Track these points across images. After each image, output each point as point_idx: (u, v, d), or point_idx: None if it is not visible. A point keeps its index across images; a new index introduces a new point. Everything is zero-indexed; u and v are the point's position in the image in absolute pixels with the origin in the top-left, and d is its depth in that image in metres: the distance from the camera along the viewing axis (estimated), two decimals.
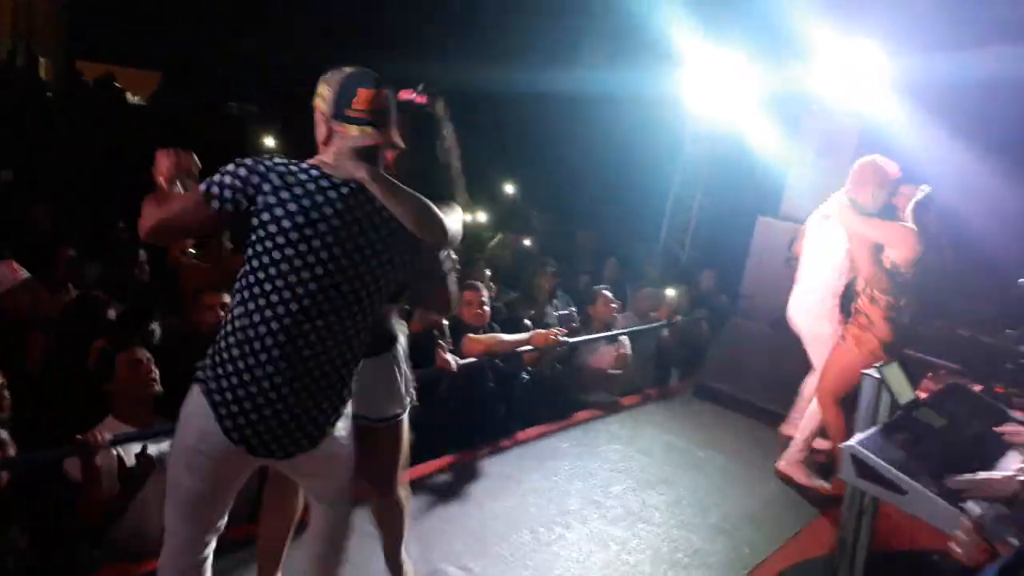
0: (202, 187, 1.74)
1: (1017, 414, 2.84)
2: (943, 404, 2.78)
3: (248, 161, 1.75)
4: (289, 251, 1.72)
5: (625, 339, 5.28)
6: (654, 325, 5.63)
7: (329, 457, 1.94)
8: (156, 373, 2.91)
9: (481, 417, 4.13)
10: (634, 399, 5.13)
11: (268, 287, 1.73)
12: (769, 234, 5.53)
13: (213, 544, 1.94)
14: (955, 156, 4.97)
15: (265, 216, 1.72)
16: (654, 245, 7.40)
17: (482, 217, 8.30)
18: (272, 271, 1.73)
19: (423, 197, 1.83)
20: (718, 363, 5.48)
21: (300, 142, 2.05)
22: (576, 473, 3.90)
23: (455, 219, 1.99)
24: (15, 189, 6.56)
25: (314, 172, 1.77)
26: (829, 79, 5.40)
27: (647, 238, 7.58)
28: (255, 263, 1.74)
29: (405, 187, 1.82)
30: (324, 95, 1.83)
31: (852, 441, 2.34)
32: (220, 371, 1.76)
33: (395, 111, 1.88)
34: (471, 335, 4.12)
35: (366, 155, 1.82)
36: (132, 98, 12.96)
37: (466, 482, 3.63)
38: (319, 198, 1.73)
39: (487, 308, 4.26)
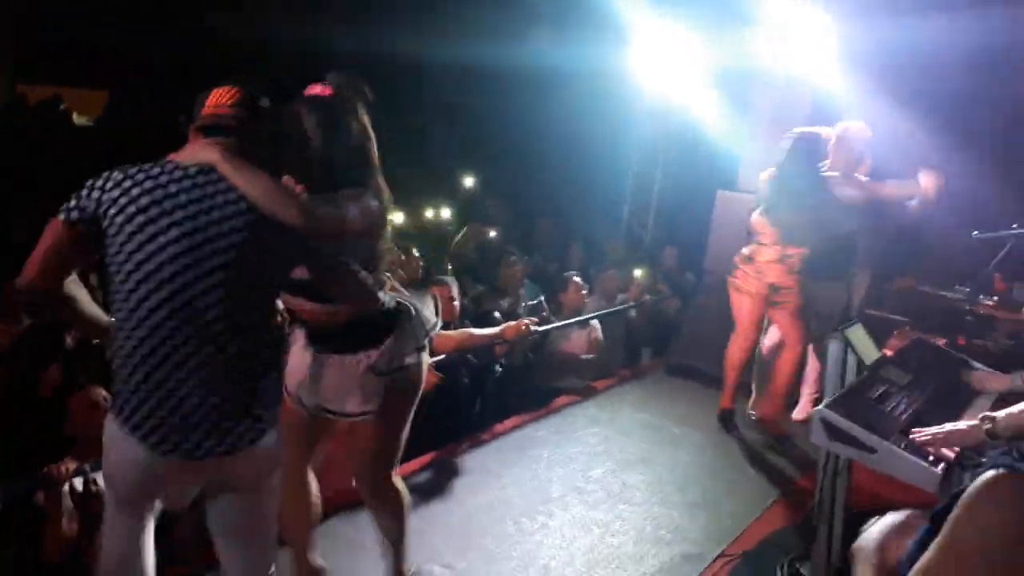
0: (59, 213, 1.73)
1: (980, 364, 2.89)
2: (908, 360, 2.82)
3: (97, 177, 1.74)
4: (151, 246, 1.68)
5: (596, 323, 5.29)
6: (622, 307, 5.65)
7: (255, 474, 1.88)
8: None
9: (457, 413, 4.11)
10: (608, 382, 5.15)
11: (140, 289, 1.69)
12: (729, 207, 5.57)
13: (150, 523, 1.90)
14: (898, 122, 5.06)
15: (119, 218, 1.69)
16: (617, 226, 7.43)
17: (445, 213, 8.26)
18: (131, 267, 1.69)
19: (277, 178, 1.79)
20: (687, 339, 5.53)
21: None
22: (556, 460, 3.90)
23: (365, 205, 1.96)
24: None
25: (164, 164, 1.75)
26: (778, 49, 5.45)
27: (610, 220, 7.60)
28: (114, 268, 1.71)
29: (257, 168, 1.78)
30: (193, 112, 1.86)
31: (821, 405, 2.35)
32: (123, 390, 1.73)
33: (256, 102, 1.86)
34: (441, 331, 4.09)
35: (225, 134, 1.80)
36: (79, 119, 12.69)
37: (446, 479, 3.60)
38: (162, 190, 1.70)
39: (456, 303, 4.23)
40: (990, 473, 0.97)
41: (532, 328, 4.32)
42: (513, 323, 4.29)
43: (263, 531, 1.97)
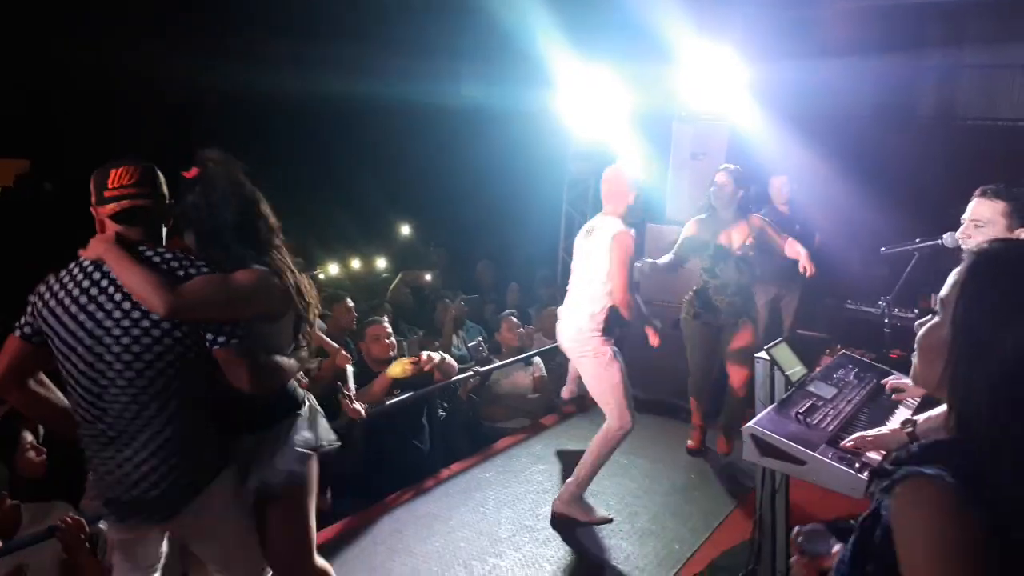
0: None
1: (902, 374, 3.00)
2: (832, 375, 2.93)
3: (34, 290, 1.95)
4: (59, 343, 1.88)
5: (539, 362, 5.32)
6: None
7: (211, 526, 2.05)
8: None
9: (401, 460, 4.06)
10: (553, 418, 5.17)
11: (67, 383, 1.92)
12: (658, 239, 5.72)
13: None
14: (805, 152, 5.35)
15: (45, 327, 1.90)
16: (553, 265, 7.53)
17: (380, 261, 8.27)
18: (65, 368, 1.91)
19: (148, 265, 1.87)
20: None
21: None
22: (504, 501, 3.88)
23: (251, 281, 1.97)
24: None
25: (74, 267, 1.93)
26: (695, 86, 5.69)
27: (546, 259, 7.72)
28: (60, 369, 1.92)
29: (136, 256, 1.88)
30: (91, 191, 1.95)
31: (751, 423, 2.42)
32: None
33: (155, 179, 1.97)
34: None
35: (134, 218, 1.92)
36: None
37: (393, 528, 3.55)
38: (68, 296, 1.88)
39: (391, 341, 4.19)
40: (904, 487, 0.98)
41: (424, 365, 4.04)
42: (404, 359, 4.04)
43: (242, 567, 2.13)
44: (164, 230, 2.03)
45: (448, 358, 4.29)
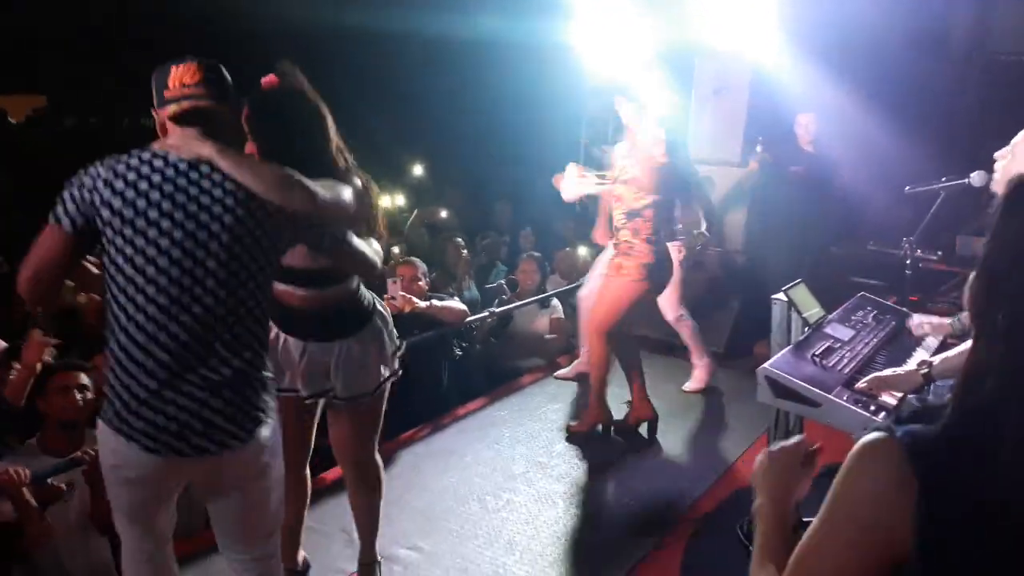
0: (50, 217, 1.70)
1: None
2: (850, 316, 2.89)
3: (78, 173, 1.71)
4: (140, 242, 1.66)
5: (557, 304, 5.32)
6: (578, 284, 5.69)
7: (254, 473, 1.86)
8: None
9: (418, 397, 4.10)
10: (569, 359, 5.18)
11: (131, 287, 1.68)
12: None
13: (169, 548, 1.94)
14: (831, 87, 5.17)
15: (107, 214, 1.67)
16: (572, 204, 7.45)
17: (400, 200, 8.22)
18: (129, 268, 1.67)
19: (280, 165, 1.77)
20: (642, 310, 5.57)
21: None
22: (518, 438, 3.93)
23: (339, 189, 1.91)
24: None
25: (155, 158, 1.72)
26: (717, 18, 5.49)
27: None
28: (113, 268, 1.70)
29: (256, 159, 1.82)
30: (153, 93, 1.80)
31: (766, 364, 2.41)
32: (111, 390, 1.73)
33: (222, 79, 1.80)
34: None
35: (201, 121, 1.75)
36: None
37: (410, 463, 3.62)
38: (157, 191, 1.68)
39: (423, 283, 4.14)
40: (866, 438, 0.98)
41: (414, 305, 3.79)
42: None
43: (264, 525, 1.96)
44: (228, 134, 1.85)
45: (444, 304, 4.09)
